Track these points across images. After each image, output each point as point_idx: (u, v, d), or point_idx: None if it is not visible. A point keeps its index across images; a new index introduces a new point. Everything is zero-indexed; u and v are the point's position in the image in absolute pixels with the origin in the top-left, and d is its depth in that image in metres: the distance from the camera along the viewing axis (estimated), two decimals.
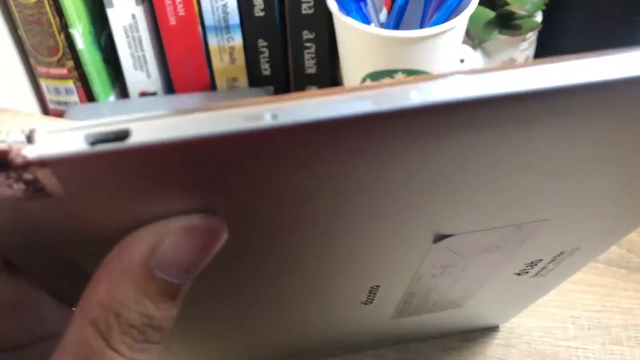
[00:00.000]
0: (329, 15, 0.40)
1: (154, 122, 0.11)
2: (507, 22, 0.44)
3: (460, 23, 0.36)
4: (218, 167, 0.12)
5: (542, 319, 0.33)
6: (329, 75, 0.48)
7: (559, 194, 0.17)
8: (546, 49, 0.50)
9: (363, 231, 0.18)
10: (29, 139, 0.11)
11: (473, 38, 0.45)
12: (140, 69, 0.48)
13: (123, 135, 0.11)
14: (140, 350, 0.14)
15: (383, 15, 0.42)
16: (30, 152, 0.11)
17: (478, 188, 0.16)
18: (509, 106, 0.12)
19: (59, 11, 0.43)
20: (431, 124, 0.12)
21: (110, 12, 0.45)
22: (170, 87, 0.49)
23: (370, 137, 0.12)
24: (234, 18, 0.45)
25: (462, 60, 0.43)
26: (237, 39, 0.46)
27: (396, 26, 0.40)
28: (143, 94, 0.49)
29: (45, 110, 0.50)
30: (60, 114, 0.48)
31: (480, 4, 0.38)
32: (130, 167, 0.12)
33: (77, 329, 0.14)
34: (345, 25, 0.37)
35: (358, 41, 0.37)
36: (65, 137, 0.11)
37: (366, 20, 0.38)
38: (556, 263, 0.25)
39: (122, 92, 0.50)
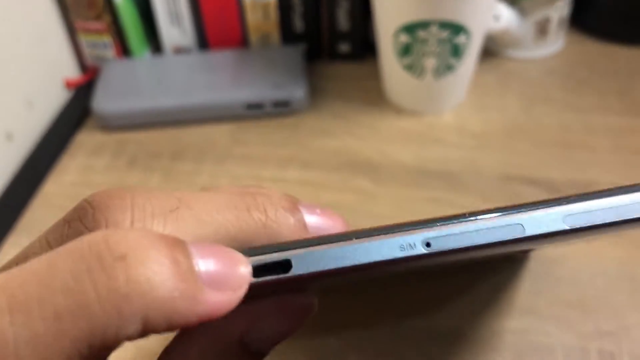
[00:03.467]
0: None
1: (312, 253, 0.12)
2: None
3: None
4: (349, 276, 0.13)
5: (570, 269, 0.33)
6: (362, 33, 0.48)
7: None
8: (582, 10, 0.50)
9: None
10: None
11: None
12: (175, 25, 0.49)
13: (285, 267, 0.12)
14: None
15: None
16: None
17: None
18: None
19: None
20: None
21: None
22: (203, 43, 0.50)
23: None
24: None
25: (496, 18, 0.43)
26: None
27: None
28: (177, 50, 0.50)
29: (83, 66, 0.52)
30: (95, 69, 0.50)
31: None
32: (283, 286, 0.13)
33: None
34: None
35: None
36: None
37: None
38: None
39: (156, 47, 0.51)
